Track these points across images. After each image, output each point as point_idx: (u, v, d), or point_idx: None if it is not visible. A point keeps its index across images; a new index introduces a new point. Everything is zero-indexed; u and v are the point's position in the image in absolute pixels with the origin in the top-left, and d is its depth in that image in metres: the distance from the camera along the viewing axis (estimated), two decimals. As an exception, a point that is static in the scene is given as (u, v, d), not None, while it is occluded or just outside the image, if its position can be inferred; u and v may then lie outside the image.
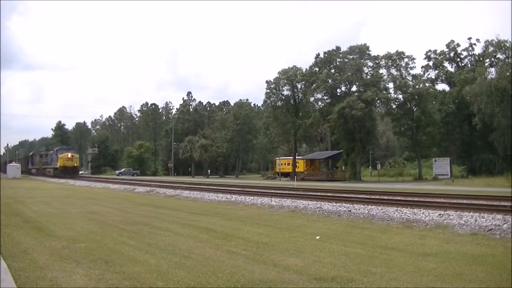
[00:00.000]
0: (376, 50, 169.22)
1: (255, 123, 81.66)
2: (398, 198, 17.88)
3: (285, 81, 57.76)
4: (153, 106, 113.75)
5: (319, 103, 52.50)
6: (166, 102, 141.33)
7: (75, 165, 59.34)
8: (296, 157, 58.96)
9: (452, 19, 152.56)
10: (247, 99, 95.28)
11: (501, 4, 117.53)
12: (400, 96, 46.64)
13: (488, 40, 43.70)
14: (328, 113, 46.57)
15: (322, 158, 61.12)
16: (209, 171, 79.42)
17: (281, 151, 76.37)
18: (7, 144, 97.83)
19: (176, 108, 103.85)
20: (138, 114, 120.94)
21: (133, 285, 5.63)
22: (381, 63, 47.57)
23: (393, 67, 47.39)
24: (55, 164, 58.33)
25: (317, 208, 14.91)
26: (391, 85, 47.23)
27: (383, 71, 47.83)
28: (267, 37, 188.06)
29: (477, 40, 47.08)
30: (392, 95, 47.12)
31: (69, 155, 58.56)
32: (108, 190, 30.87)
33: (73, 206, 17.01)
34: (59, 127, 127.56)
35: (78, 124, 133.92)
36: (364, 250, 7.82)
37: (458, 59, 49.31)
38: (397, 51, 46.66)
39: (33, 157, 76.79)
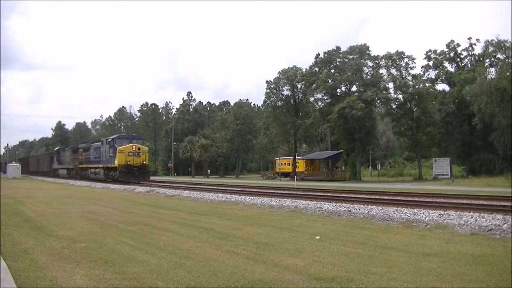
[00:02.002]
0: (376, 50, 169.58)
1: (255, 123, 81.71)
2: (398, 198, 17.87)
3: (285, 81, 57.87)
4: (153, 106, 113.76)
5: (319, 103, 52.69)
6: (166, 102, 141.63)
7: (144, 162, 37.77)
8: (296, 157, 58.99)
9: (452, 19, 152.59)
10: (247, 99, 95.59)
11: (501, 4, 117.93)
12: (400, 96, 46.71)
13: (488, 40, 43.79)
14: (328, 113, 46.66)
15: (322, 158, 61.14)
16: (209, 171, 79.42)
17: (281, 151, 76.39)
18: (7, 144, 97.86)
19: (176, 108, 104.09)
20: (138, 114, 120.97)
21: (133, 285, 5.62)
22: (381, 63, 47.67)
23: (393, 67, 47.47)
24: (109, 161, 38.00)
25: (317, 208, 14.89)
26: (391, 85, 47.42)
27: (383, 71, 48.04)
28: (267, 37, 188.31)
29: (477, 40, 47.15)
30: (392, 95, 47.28)
31: (134, 147, 37.29)
32: (108, 190, 30.83)
33: (73, 206, 16.98)
34: (59, 127, 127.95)
35: (78, 124, 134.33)
36: (364, 250, 7.81)
37: (458, 59, 49.28)
38: (397, 51, 46.82)
39: (60, 153, 55.44)
